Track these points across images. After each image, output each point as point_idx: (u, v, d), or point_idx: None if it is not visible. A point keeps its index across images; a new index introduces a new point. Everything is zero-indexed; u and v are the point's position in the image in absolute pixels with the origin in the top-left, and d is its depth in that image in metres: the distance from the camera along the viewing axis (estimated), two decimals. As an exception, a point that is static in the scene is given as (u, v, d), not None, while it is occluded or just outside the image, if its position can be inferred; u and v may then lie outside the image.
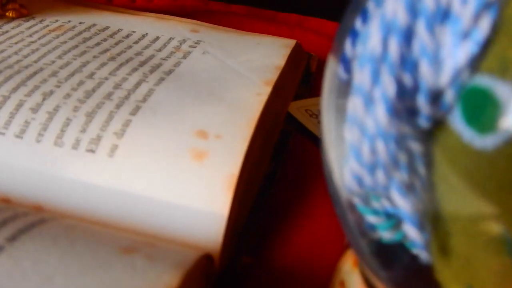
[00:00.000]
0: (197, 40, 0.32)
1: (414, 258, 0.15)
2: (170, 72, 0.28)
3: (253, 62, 0.30)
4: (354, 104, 0.16)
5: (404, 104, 0.15)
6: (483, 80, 0.13)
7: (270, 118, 0.28)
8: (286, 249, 0.25)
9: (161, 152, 0.22)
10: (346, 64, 0.17)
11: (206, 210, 0.21)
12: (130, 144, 0.23)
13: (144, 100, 0.25)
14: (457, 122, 0.13)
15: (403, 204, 0.16)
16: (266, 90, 0.27)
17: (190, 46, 0.31)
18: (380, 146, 0.15)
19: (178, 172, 0.22)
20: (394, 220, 0.16)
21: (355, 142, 0.16)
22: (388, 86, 0.15)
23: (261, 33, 0.36)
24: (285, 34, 0.41)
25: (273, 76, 0.28)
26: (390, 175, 0.15)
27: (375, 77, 0.15)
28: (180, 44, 0.31)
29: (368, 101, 0.15)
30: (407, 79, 0.14)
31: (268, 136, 0.28)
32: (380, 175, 0.16)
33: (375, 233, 0.17)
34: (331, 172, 0.18)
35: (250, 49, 0.31)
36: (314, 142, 0.31)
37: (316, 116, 0.33)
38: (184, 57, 0.30)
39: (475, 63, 0.13)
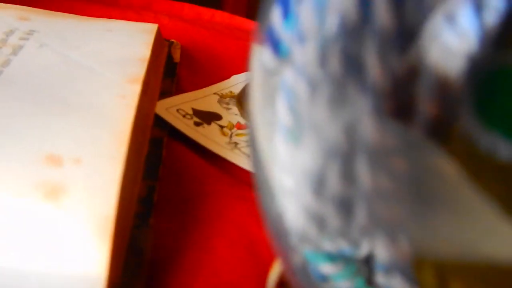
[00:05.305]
0: (29, 30, 0.24)
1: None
2: (-4, 75, 0.21)
3: (106, 54, 0.23)
4: (313, 106, 0.10)
5: (395, 102, 0.09)
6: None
7: (139, 125, 0.21)
8: (184, 299, 0.18)
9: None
10: (275, 45, 0.11)
11: (73, 274, 0.15)
12: None
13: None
14: (471, 124, 0.09)
15: (391, 251, 0.10)
16: (133, 90, 0.20)
17: (21, 39, 0.24)
18: (362, 168, 0.10)
19: (24, 220, 0.15)
20: (353, 265, 0.11)
21: (312, 165, 0.10)
22: (376, 74, 0.09)
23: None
24: (133, 20, 0.35)
25: (139, 70, 0.22)
26: (375, 211, 0.10)
27: (350, 62, 0.09)
28: (7, 36, 0.24)
29: (338, 99, 0.10)
30: (401, 61, 0.09)
31: (137, 149, 0.22)
32: (361, 213, 0.10)
33: (327, 284, 0.12)
34: (272, 204, 0.12)
35: (99, 37, 0.25)
36: (191, 147, 0.26)
37: (190, 116, 0.27)
38: (14, 53, 0.22)
39: (500, 37, 0.09)
